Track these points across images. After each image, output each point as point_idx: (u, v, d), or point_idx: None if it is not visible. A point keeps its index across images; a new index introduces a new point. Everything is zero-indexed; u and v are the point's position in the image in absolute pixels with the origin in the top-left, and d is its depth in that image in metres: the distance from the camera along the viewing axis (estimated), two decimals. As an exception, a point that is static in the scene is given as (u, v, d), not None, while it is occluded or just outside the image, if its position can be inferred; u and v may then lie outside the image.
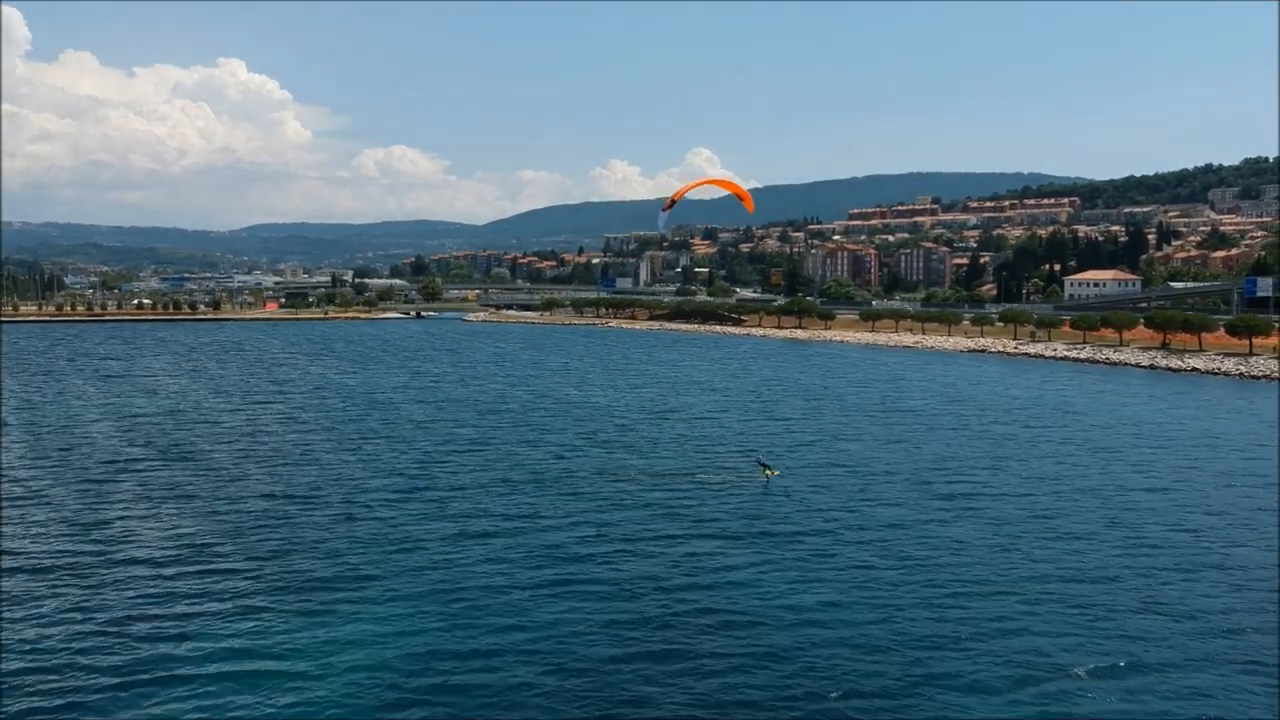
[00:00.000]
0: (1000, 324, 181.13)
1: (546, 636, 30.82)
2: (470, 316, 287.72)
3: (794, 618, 32.65)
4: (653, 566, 38.02)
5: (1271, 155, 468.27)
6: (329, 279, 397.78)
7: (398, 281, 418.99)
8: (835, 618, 32.72)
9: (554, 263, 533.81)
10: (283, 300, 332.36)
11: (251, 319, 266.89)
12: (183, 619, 31.96)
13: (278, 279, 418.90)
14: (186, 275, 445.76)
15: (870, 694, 26.84)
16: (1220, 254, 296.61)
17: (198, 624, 31.51)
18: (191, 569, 37.18)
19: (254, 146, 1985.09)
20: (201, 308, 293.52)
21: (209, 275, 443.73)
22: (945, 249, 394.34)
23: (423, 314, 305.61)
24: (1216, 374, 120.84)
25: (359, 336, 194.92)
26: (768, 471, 53.73)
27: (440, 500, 48.94)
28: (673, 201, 39.44)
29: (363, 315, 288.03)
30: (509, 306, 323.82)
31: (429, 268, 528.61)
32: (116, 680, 27.31)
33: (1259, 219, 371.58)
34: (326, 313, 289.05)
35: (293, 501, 48.41)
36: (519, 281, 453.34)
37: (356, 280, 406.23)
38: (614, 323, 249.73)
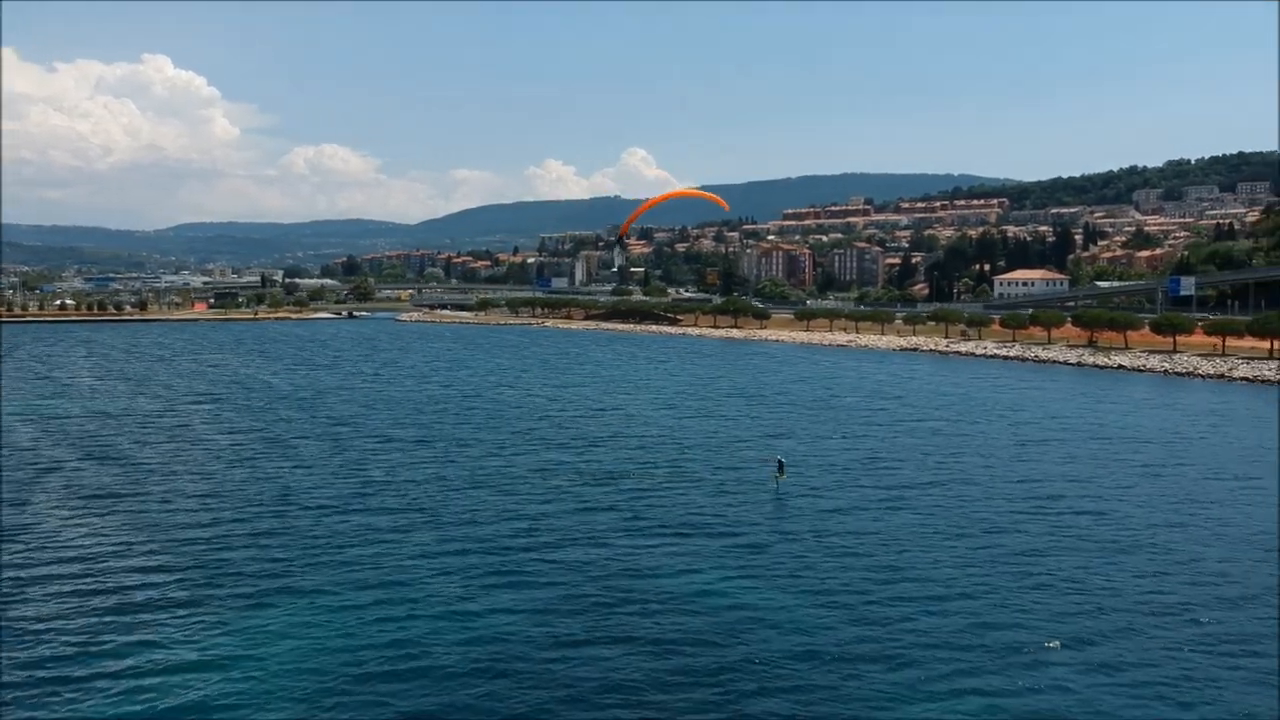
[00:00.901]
0: (932, 323, 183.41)
1: (480, 631, 30.47)
2: (403, 317, 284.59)
3: (729, 610, 32.52)
4: (588, 562, 37.72)
5: (1193, 158, 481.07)
6: (259, 279, 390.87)
7: (329, 281, 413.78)
8: (770, 610, 32.72)
9: (489, 262, 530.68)
10: (212, 301, 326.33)
11: (180, 320, 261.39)
12: (112, 618, 31.13)
13: (206, 279, 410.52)
14: (111, 275, 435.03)
15: (806, 685, 26.63)
16: (1145, 254, 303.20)
17: (128, 623, 30.74)
18: (120, 569, 36.30)
19: (181, 144, 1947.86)
20: (128, 308, 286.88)
21: (135, 275, 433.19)
22: (878, 249, 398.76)
23: (355, 314, 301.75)
24: (1142, 371, 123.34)
25: (290, 337, 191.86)
26: (779, 475, 52.16)
27: (373, 498, 48.15)
28: (628, 224, 38.94)
29: (294, 315, 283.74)
30: (443, 306, 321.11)
31: (361, 267, 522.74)
32: (44, 680, 26.56)
33: (1182, 219, 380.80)
34: (256, 313, 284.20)
35: (223, 501, 47.40)
36: (453, 281, 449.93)
37: (287, 280, 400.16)
38: (550, 323, 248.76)
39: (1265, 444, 68.28)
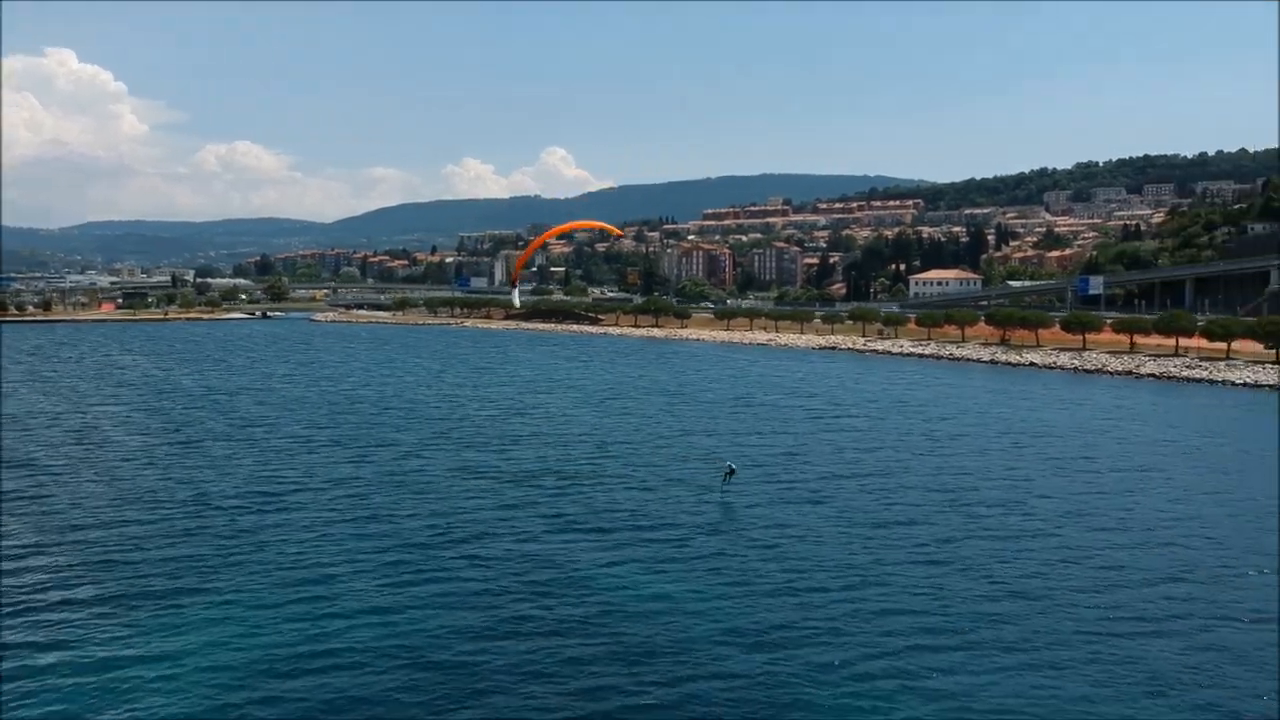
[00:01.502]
0: (850, 322, 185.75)
1: (398, 629, 30.21)
2: (319, 316, 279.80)
3: (649, 602, 32.65)
4: (507, 559, 37.53)
5: (1101, 160, 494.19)
6: (169, 279, 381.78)
7: (242, 281, 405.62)
8: (689, 601, 32.96)
9: (406, 262, 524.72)
10: (120, 301, 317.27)
11: (86, 320, 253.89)
12: (20, 619, 30.33)
13: (114, 279, 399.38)
14: (12, 275, 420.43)
15: (725, 673, 26.78)
16: (1055, 254, 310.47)
17: (36, 624, 30.00)
18: (28, 570, 35.38)
19: (87, 140, 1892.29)
20: (30, 309, 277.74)
21: (38, 275, 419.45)
22: (797, 249, 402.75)
23: (269, 314, 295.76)
24: (1053, 368, 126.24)
25: (202, 338, 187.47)
26: (726, 476, 50.77)
27: (289, 498, 47.41)
28: (526, 258, 38.41)
29: (206, 316, 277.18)
30: (359, 306, 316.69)
31: (275, 267, 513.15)
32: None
33: (1090, 220, 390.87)
34: (167, 314, 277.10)
35: (134, 503, 46.23)
36: (370, 281, 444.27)
37: (199, 280, 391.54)
38: (469, 322, 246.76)
39: (1168, 438, 70.42)
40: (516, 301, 45.20)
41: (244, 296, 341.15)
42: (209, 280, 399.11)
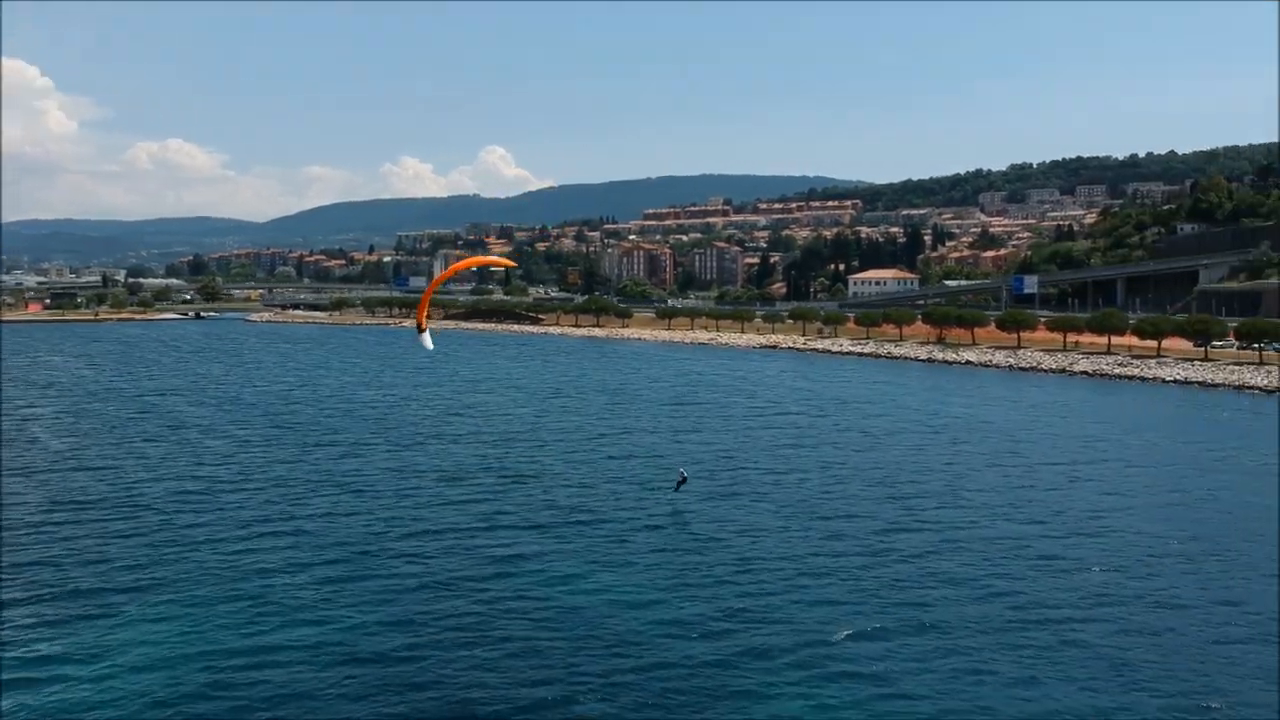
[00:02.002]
0: (790, 321, 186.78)
1: (334, 626, 29.91)
2: (254, 317, 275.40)
3: (587, 597, 32.67)
4: (446, 558, 37.25)
5: (1035, 162, 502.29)
6: (99, 279, 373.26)
7: (174, 281, 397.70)
8: (629, 595, 33.04)
9: (343, 261, 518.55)
10: (48, 301, 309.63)
11: (12, 321, 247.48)
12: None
13: (41, 279, 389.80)
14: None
15: (664, 663, 26.79)
16: (990, 254, 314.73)
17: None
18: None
19: (13, 137, 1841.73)
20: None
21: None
22: (737, 249, 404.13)
23: (202, 314, 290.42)
24: (988, 366, 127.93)
25: (134, 338, 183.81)
26: (678, 485, 48.63)
27: (226, 500, 46.70)
28: (426, 301, 37.55)
29: (138, 316, 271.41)
30: (295, 306, 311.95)
31: (209, 267, 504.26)
32: None
33: (1024, 220, 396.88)
34: (97, 314, 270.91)
35: (63, 506, 45.28)
36: (306, 281, 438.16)
37: (130, 280, 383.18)
38: (408, 323, 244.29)
39: (1099, 433, 71.67)
40: (428, 343, 41.94)
41: (178, 297, 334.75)
42: (141, 280, 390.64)
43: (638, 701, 25.41)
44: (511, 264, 56.23)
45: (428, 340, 38.78)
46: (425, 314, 39.30)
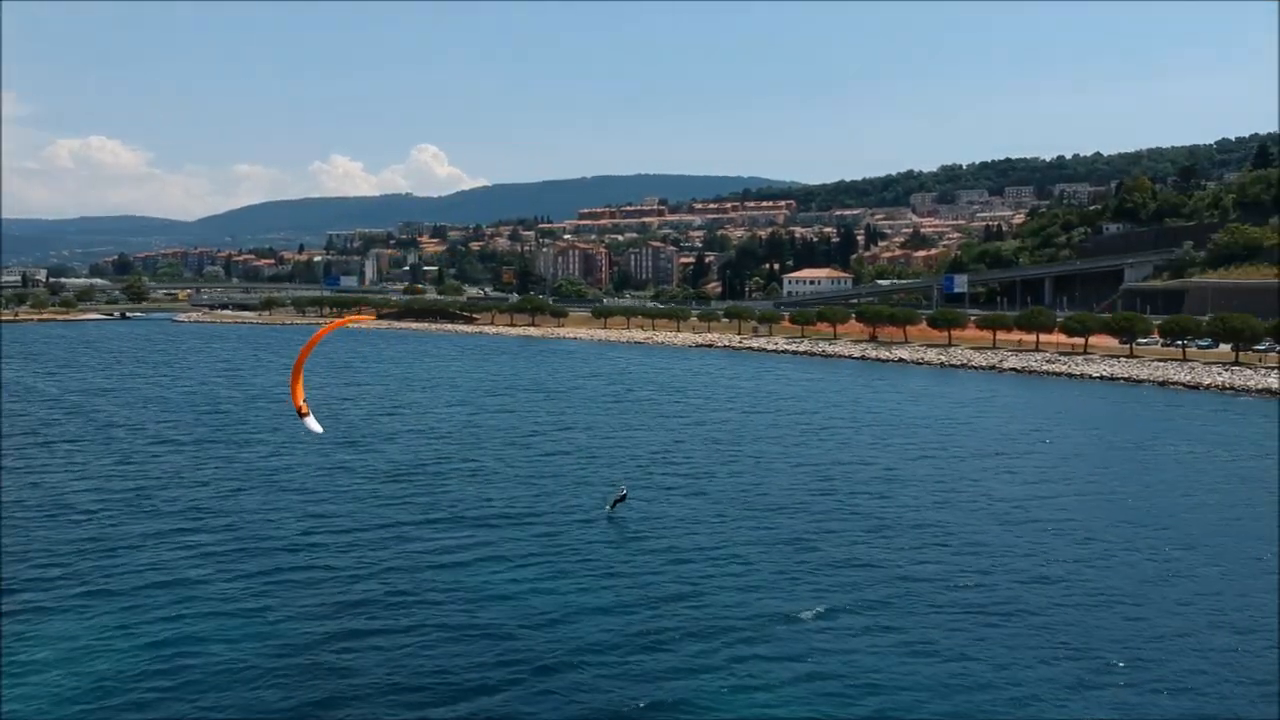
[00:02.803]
0: (726, 320, 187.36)
1: (264, 628, 29.34)
2: (181, 317, 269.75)
3: (520, 597, 32.32)
4: (377, 557, 36.73)
5: (965, 163, 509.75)
6: (19, 279, 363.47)
7: (99, 281, 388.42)
8: (561, 593, 32.81)
9: (273, 261, 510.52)
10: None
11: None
12: None
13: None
14: None
15: (597, 661, 26.57)
16: (922, 253, 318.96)
17: None
18: None
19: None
20: None
21: None
22: (673, 249, 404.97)
23: (128, 315, 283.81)
24: (921, 364, 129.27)
25: (56, 339, 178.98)
26: (614, 503, 44.87)
27: (152, 500, 45.75)
28: (299, 378, 36.40)
29: (60, 317, 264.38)
30: (224, 306, 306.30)
31: (135, 266, 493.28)
32: None
33: (955, 221, 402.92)
34: (17, 314, 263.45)
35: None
36: (235, 280, 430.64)
37: (52, 280, 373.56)
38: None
39: (1025, 427, 72.76)
40: (315, 427, 39.39)
41: (102, 297, 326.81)
42: (63, 280, 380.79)
43: (571, 687, 25.28)
44: (373, 317, 55.59)
45: (313, 424, 36.61)
46: (301, 389, 36.63)
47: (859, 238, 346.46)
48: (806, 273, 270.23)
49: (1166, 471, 56.38)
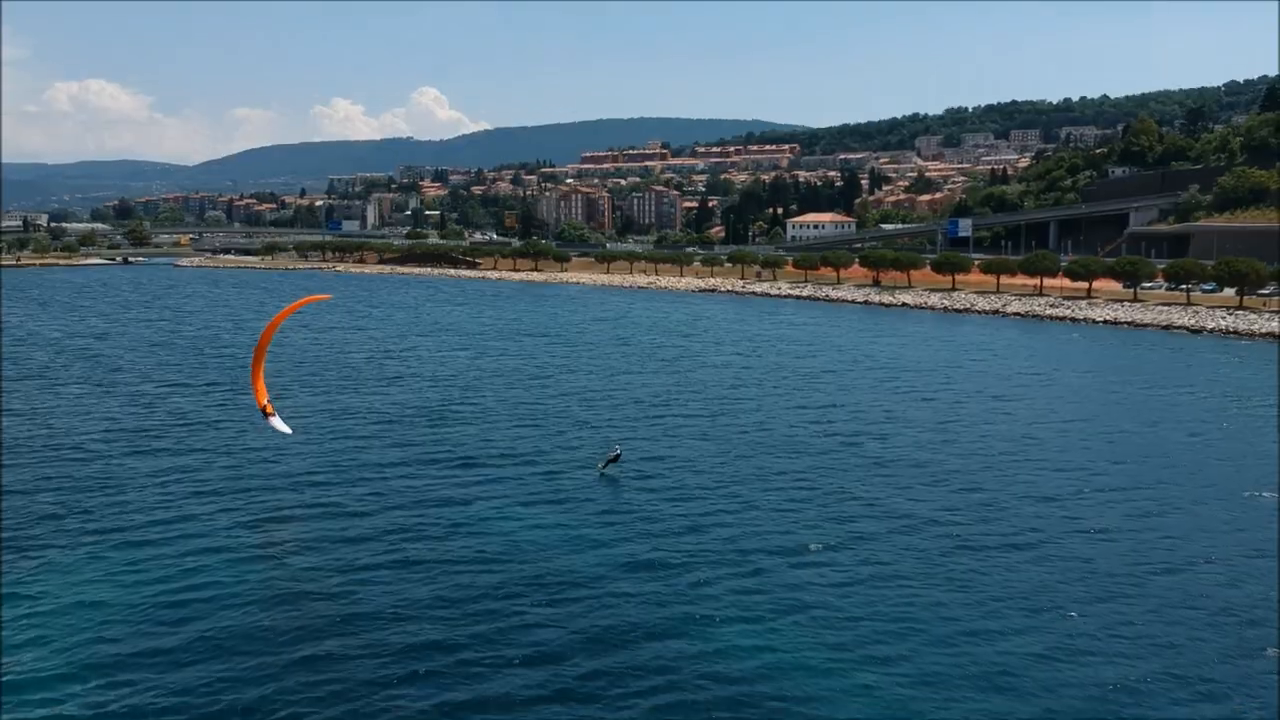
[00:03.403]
0: (729, 264, 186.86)
1: (268, 570, 29.52)
2: (183, 262, 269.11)
3: (524, 538, 32.42)
4: (380, 497, 36.89)
5: (971, 106, 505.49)
6: (20, 223, 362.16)
7: (100, 226, 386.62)
8: (557, 530, 33.16)
9: (274, 205, 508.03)
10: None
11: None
12: None
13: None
14: None
15: (602, 598, 26.84)
16: (926, 198, 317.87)
17: None
18: None
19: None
20: None
21: None
22: (675, 193, 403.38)
23: (130, 260, 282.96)
24: (924, 308, 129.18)
25: (60, 284, 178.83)
26: (606, 463, 41.81)
27: (157, 441, 45.97)
28: (259, 373, 36.81)
29: (62, 261, 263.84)
30: (226, 251, 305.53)
31: (136, 211, 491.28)
32: None
33: (959, 165, 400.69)
34: (19, 259, 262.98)
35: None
36: (236, 225, 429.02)
37: (53, 225, 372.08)
38: (341, 267, 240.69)
39: (1024, 372, 72.92)
40: (283, 427, 38.90)
41: (104, 241, 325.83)
42: (64, 225, 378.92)
43: (575, 633, 25.52)
44: (328, 297, 54.60)
45: (280, 424, 38.14)
46: (262, 385, 38.08)
47: (863, 182, 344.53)
48: (810, 217, 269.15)
49: (1165, 413, 56.55)
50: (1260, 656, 24.54)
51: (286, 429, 37.33)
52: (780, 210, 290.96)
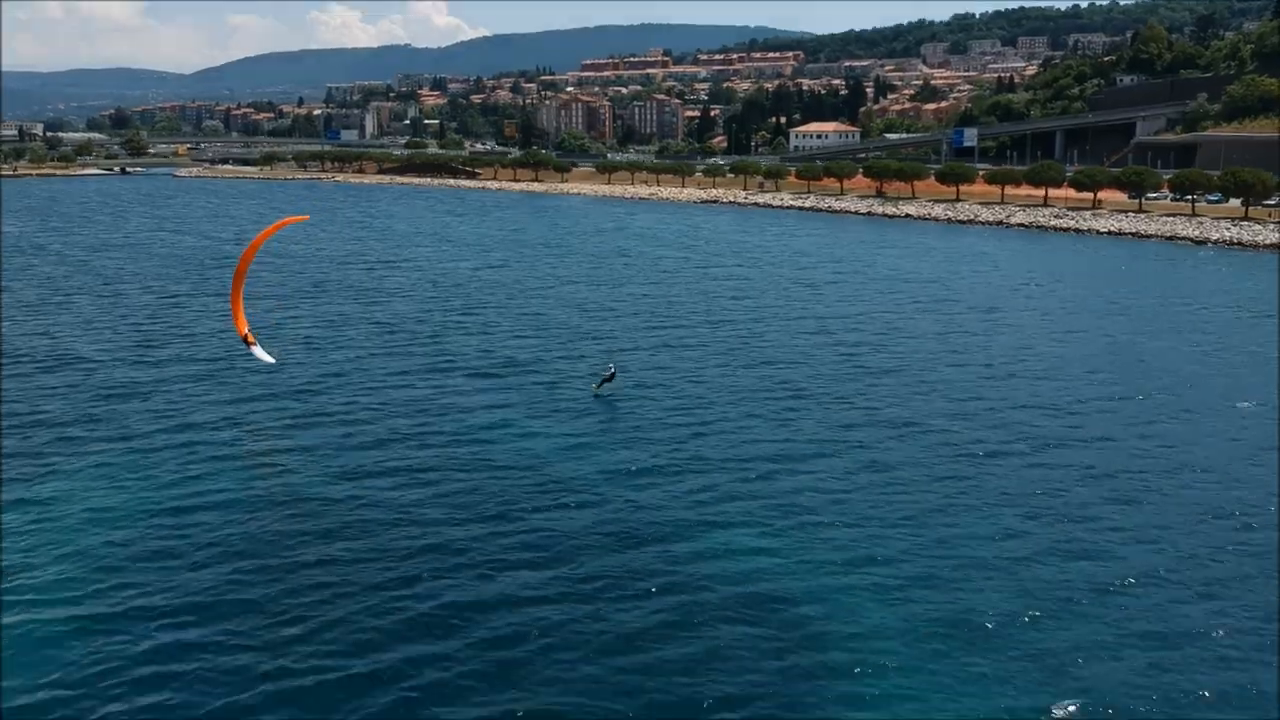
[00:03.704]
0: (731, 175, 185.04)
1: (270, 476, 29.75)
2: (182, 172, 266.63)
3: (526, 445, 32.76)
4: (381, 407, 37.18)
5: (978, 12, 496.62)
6: (15, 133, 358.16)
7: (96, 135, 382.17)
8: (561, 444, 33.27)
9: (272, 114, 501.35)
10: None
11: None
12: None
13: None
14: None
15: (598, 500, 27.22)
16: (931, 106, 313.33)
17: None
18: None
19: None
20: None
21: None
22: (677, 102, 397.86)
23: (128, 170, 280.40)
24: (927, 219, 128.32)
25: (58, 194, 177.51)
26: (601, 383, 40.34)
27: (157, 350, 46.29)
28: (239, 301, 36.10)
29: (59, 172, 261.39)
30: (225, 161, 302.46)
31: (132, 120, 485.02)
32: None
33: (966, 73, 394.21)
34: (16, 169, 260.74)
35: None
36: (234, 135, 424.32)
37: (49, 134, 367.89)
38: (340, 177, 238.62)
39: (1025, 281, 72.92)
40: (266, 357, 38.02)
41: (101, 151, 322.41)
42: (60, 135, 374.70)
43: (577, 536, 25.93)
44: (305, 218, 53.42)
45: (262, 354, 37.66)
46: (241, 313, 37.17)
47: (868, 90, 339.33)
48: (814, 126, 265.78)
49: (1166, 324, 56.69)
50: (1258, 555, 24.93)
51: (269, 358, 37.27)
52: (783, 120, 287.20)
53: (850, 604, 22.40)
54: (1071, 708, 18.63)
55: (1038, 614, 22.05)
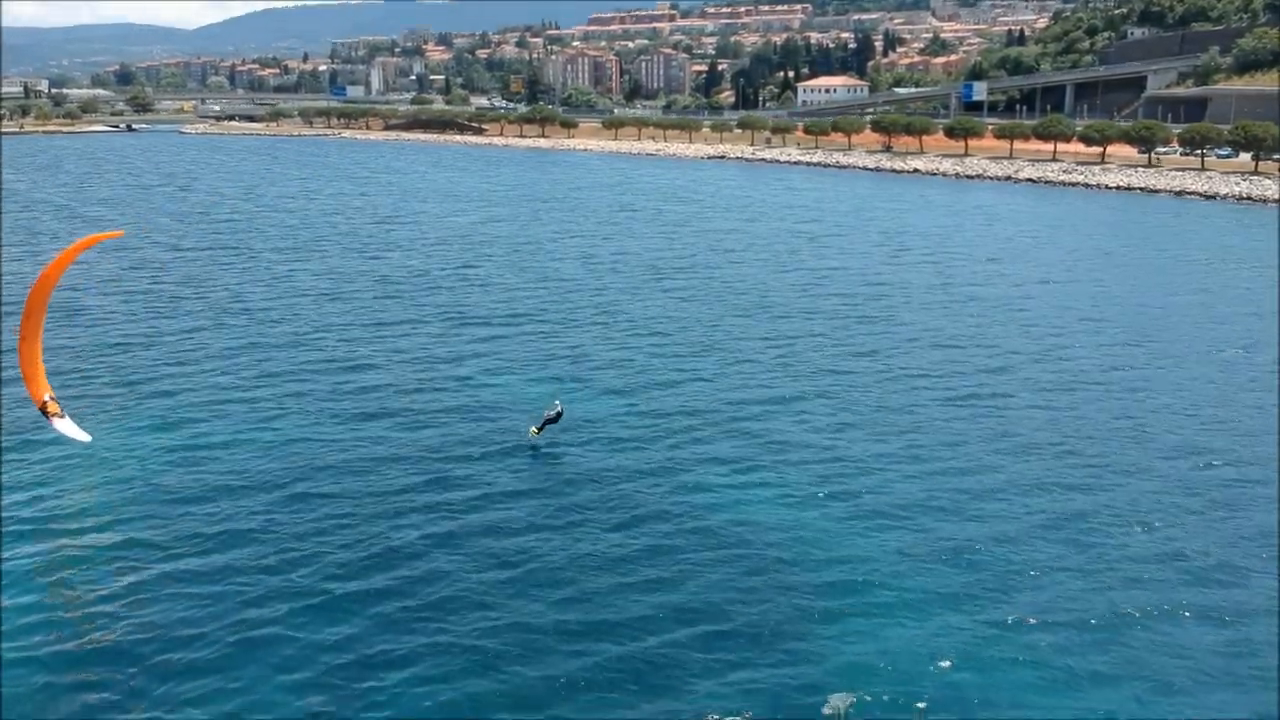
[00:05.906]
0: (738, 130, 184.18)
1: (274, 410, 30.31)
2: (188, 129, 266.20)
3: (518, 394, 32.84)
4: (379, 349, 37.88)
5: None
6: (20, 89, 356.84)
7: (102, 92, 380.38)
8: (553, 380, 33.74)
9: (278, 70, 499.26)
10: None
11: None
12: None
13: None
14: None
15: (587, 432, 27.64)
16: (941, 60, 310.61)
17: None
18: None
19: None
20: None
21: None
22: (684, 56, 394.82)
23: (134, 127, 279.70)
24: (935, 174, 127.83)
25: (63, 151, 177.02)
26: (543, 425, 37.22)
27: (166, 303, 46.71)
28: (36, 356, 28.22)
29: (65, 129, 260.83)
30: (231, 117, 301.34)
31: (137, 76, 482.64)
32: None
33: (976, 26, 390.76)
34: (22, 126, 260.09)
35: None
36: (240, 91, 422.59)
37: (54, 91, 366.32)
38: (347, 133, 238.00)
39: (1023, 234, 73.20)
40: (78, 435, 32.22)
41: (106, 108, 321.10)
42: (65, 91, 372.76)
43: (573, 475, 26.42)
44: (120, 233, 50.92)
45: (72, 429, 26.71)
46: (40, 374, 27.55)
47: (877, 44, 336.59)
48: (822, 81, 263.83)
49: (1171, 277, 56.92)
50: (1252, 509, 25.37)
51: (83, 435, 26.88)
52: (791, 74, 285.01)
53: (848, 542, 22.88)
54: (1032, 620, 19.51)
55: (1015, 538, 23.02)
